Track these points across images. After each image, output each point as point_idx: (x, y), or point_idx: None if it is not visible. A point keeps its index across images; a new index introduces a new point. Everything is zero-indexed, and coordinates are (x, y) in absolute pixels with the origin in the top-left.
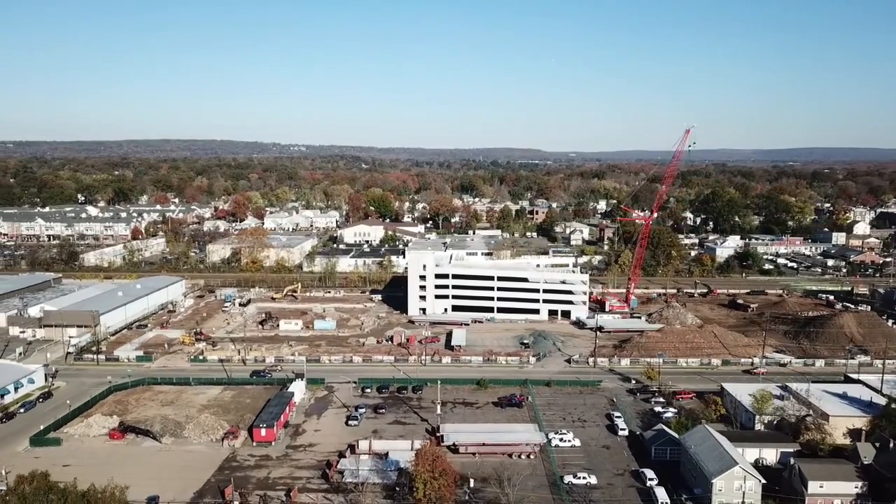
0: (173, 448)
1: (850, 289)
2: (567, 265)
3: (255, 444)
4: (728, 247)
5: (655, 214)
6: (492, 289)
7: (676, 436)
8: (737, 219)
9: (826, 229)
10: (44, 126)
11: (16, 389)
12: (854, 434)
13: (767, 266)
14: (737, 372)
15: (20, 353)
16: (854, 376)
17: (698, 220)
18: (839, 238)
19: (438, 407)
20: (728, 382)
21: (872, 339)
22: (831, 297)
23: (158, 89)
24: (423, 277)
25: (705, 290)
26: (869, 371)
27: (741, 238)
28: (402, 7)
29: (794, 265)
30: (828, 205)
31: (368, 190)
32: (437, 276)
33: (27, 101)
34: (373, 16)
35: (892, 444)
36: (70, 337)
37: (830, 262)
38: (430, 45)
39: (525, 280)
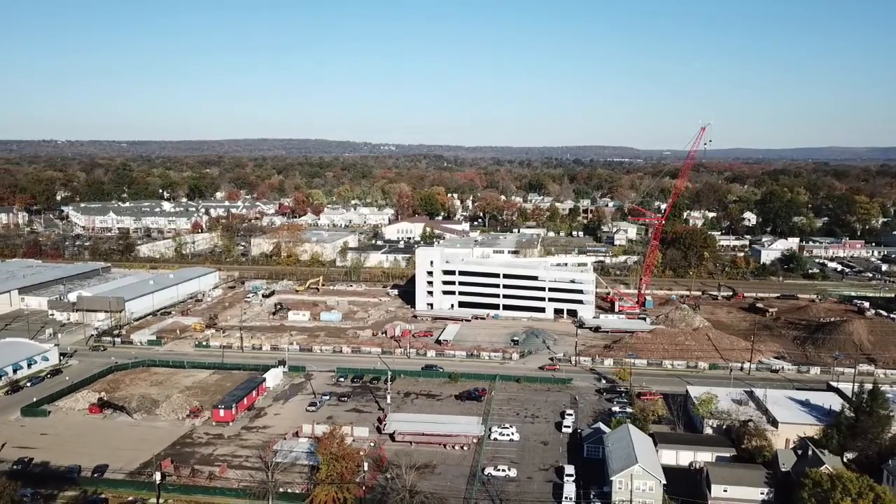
0: (142, 423)
1: (892, 295)
2: (586, 265)
3: (214, 423)
4: (775, 249)
5: (667, 213)
6: (497, 286)
7: None
8: (796, 220)
9: (895, 232)
10: (156, 127)
11: (29, 366)
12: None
13: (814, 270)
14: (723, 376)
15: (50, 334)
16: (835, 384)
17: (759, 221)
18: None
19: (388, 397)
20: (694, 385)
21: (883, 347)
22: (866, 304)
23: (259, 90)
24: (430, 273)
25: (730, 293)
26: (869, 381)
27: (800, 240)
28: (489, 8)
29: (845, 269)
30: None
31: (432, 188)
32: (445, 273)
33: (141, 103)
34: (460, 17)
35: (810, 453)
36: (100, 321)
37: (885, 267)
38: (520, 45)
39: (534, 278)
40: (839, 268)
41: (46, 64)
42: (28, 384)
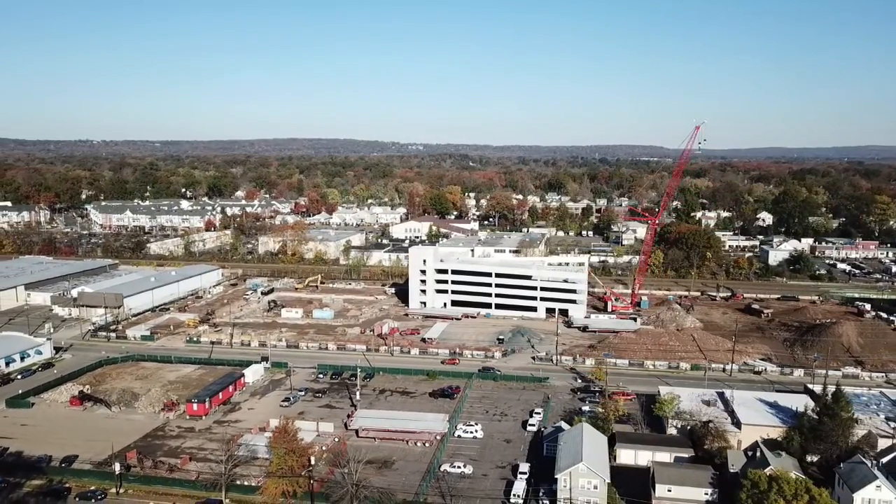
0: (119, 416)
1: None
2: (583, 264)
3: (188, 416)
4: (783, 250)
5: (660, 213)
6: (489, 285)
7: None
8: (812, 220)
9: None
10: (189, 127)
11: (22, 359)
12: (769, 443)
13: (821, 271)
14: (702, 377)
15: (50, 329)
16: (811, 387)
17: (775, 221)
18: None
19: (358, 393)
20: (666, 386)
21: (873, 350)
22: (867, 306)
23: (289, 90)
24: (423, 272)
25: (728, 294)
26: (853, 383)
27: (814, 240)
28: (520, 9)
29: (854, 271)
30: None
31: (449, 187)
32: (438, 272)
33: (175, 104)
34: (490, 17)
35: (759, 454)
36: (98, 316)
37: (895, 269)
38: (551, 45)
39: (527, 278)
40: (848, 269)
41: (84, 65)
42: (19, 377)
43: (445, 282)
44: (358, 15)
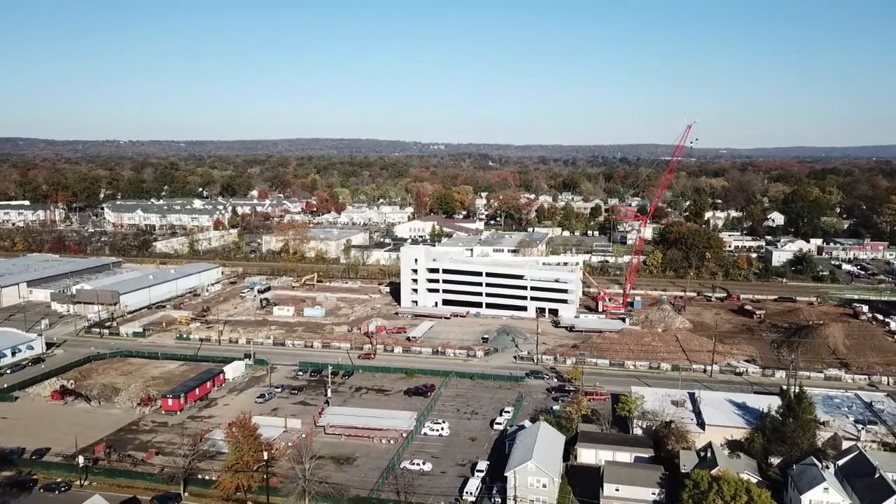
0: (97, 411)
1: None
2: (578, 264)
3: (163, 412)
4: (787, 250)
5: (651, 213)
6: (480, 284)
7: None
8: (824, 220)
9: None
10: (214, 127)
11: (13, 354)
12: (732, 444)
13: (824, 272)
14: (684, 377)
15: (45, 325)
16: (786, 388)
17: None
18: None
19: (328, 391)
20: (641, 386)
21: (859, 352)
22: (864, 307)
23: (312, 90)
24: (415, 272)
25: (723, 295)
26: (835, 385)
27: (823, 241)
28: (540, 10)
29: (859, 272)
30: None
31: (463, 186)
32: (429, 271)
33: (201, 104)
34: (511, 18)
35: (709, 454)
36: (93, 313)
37: None
38: (573, 46)
39: (519, 277)
40: (853, 270)
41: (112, 66)
42: (8, 371)
43: (437, 281)
44: (383, 16)
